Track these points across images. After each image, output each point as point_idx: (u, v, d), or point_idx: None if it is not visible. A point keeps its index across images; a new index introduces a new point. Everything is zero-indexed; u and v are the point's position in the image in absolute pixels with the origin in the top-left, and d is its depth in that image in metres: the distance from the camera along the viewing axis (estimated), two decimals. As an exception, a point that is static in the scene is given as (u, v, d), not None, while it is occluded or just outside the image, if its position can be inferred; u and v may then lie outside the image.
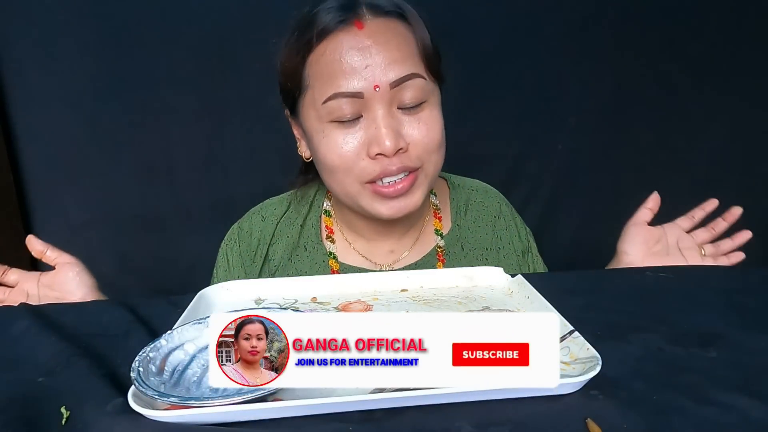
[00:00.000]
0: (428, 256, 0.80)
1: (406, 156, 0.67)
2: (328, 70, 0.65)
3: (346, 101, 0.64)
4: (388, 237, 0.79)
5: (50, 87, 1.48)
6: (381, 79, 0.64)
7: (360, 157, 0.66)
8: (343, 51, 0.64)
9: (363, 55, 0.64)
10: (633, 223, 0.79)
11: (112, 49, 1.47)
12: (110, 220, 1.55)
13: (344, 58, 0.64)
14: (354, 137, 0.66)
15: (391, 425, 0.38)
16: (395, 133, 0.65)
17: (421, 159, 0.68)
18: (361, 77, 0.64)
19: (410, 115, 0.67)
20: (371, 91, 0.64)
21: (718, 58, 1.65)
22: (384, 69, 0.64)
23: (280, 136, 1.56)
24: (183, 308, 0.55)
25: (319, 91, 0.66)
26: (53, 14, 1.43)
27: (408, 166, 0.67)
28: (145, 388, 0.39)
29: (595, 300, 0.62)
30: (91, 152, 1.54)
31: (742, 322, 0.54)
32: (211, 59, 1.51)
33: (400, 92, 0.65)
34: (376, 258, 0.80)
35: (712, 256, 0.78)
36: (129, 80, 1.50)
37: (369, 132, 0.65)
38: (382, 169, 0.66)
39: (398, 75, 0.64)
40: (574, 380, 0.41)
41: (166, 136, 1.56)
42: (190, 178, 1.58)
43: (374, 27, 0.65)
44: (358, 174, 0.67)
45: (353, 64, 0.64)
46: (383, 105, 0.65)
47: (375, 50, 0.64)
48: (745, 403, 0.40)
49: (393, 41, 0.65)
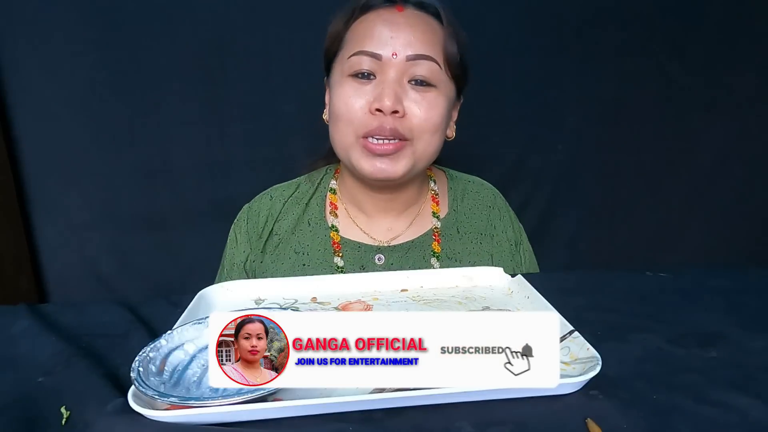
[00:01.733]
0: (425, 236, 0.84)
1: (401, 122, 0.73)
2: (361, 34, 0.75)
3: (367, 59, 0.74)
4: (386, 214, 0.84)
5: (50, 87, 1.48)
6: (400, 51, 0.73)
7: (362, 112, 0.74)
8: (378, 22, 0.75)
9: (392, 30, 0.74)
10: None
11: (113, 49, 1.47)
12: (110, 221, 1.55)
13: (377, 28, 0.74)
14: (364, 94, 0.74)
15: (391, 425, 0.38)
16: (397, 97, 0.72)
17: (413, 132, 0.74)
18: (384, 44, 0.73)
19: (417, 92, 0.74)
20: (389, 56, 0.73)
21: (719, 57, 1.65)
22: (406, 44, 0.73)
23: (280, 137, 1.57)
24: (183, 308, 0.55)
25: (348, 49, 0.76)
26: (53, 15, 1.43)
27: (399, 132, 0.73)
28: (145, 388, 0.39)
29: (595, 300, 0.62)
30: (91, 152, 1.54)
31: (742, 322, 0.54)
32: (211, 60, 1.51)
33: (413, 66, 0.73)
34: (375, 234, 0.84)
35: None
36: (129, 80, 1.50)
37: (376, 92, 0.73)
38: (378, 125, 0.73)
39: (416, 52, 0.73)
40: (574, 380, 0.41)
41: (167, 136, 1.56)
42: (190, 178, 1.57)
43: (411, 14, 0.76)
44: (356, 126, 0.74)
45: (382, 34, 0.74)
46: (396, 72, 0.73)
47: (404, 29, 0.74)
48: (745, 403, 0.40)
49: (422, 28, 0.75)
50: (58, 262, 1.58)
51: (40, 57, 1.46)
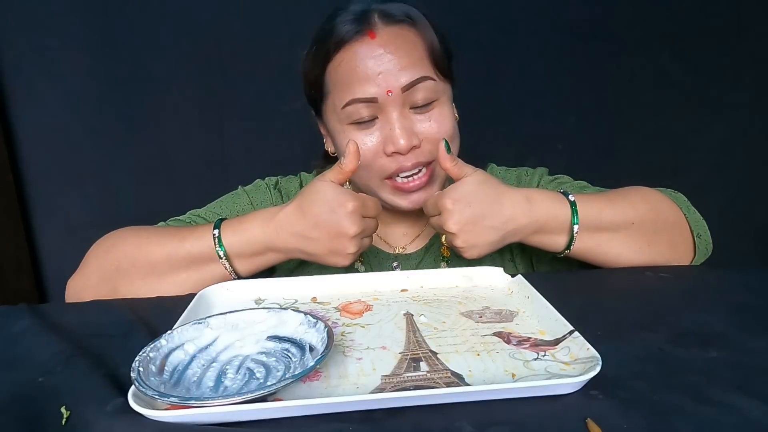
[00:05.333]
0: (435, 238, 0.84)
1: (420, 152, 0.72)
2: (345, 78, 0.71)
3: (363, 106, 0.70)
4: (401, 222, 0.85)
5: (50, 87, 1.48)
6: (393, 84, 0.69)
7: (378, 155, 0.72)
8: (358, 60, 0.70)
9: (376, 63, 0.69)
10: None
11: (112, 49, 1.47)
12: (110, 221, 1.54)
13: (359, 67, 0.70)
14: (371, 137, 0.72)
15: (391, 425, 0.38)
16: (408, 132, 0.70)
17: (434, 153, 0.72)
18: (374, 83, 0.69)
19: (422, 114, 0.72)
20: (384, 95, 0.70)
21: (719, 57, 1.65)
22: (395, 75, 0.69)
23: (279, 137, 1.57)
24: (183, 308, 0.55)
25: (338, 97, 0.72)
26: (53, 15, 1.43)
27: (421, 161, 0.72)
28: (145, 388, 0.39)
29: (595, 300, 0.62)
30: (91, 153, 1.54)
31: (742, 322, 0.54)
32: (211, 60, 1.51)
33: (411, 94, 0.71)
34: (391, 240, 0.85)
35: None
36: (129, 81, 1.50)
37: (384, 132, 0.71)
38: (398, 166, 0.72)
39: (409, 79, 0.70)
40: (574, 380, 0.41)
41: (166, 136, 1.56)
42: (190, 179, 1.58)
43: (385, 35, 0.70)
44: (377, 171, 0.73)
45: (367, 72, 0.69)
46: (396, 107, 0.70)
47: (387, 58, 0.69)
48: (745, 403, 0.40)
49: (403, 48, 0.70)
50: (58, 262, 1.58)
51: (40, 57, 1.46)
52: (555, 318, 0.51)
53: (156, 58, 1.49)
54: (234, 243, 0.66)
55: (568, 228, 0.68)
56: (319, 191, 0.64)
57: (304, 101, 0.81)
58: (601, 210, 0.68)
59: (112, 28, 1.46)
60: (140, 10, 1.45)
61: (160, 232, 0.70)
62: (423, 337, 0.51)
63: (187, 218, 0.80)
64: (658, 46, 1.62)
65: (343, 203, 0.63)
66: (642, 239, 0.70)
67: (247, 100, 1.55)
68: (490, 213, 0.65)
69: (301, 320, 0.49)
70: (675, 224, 0.72)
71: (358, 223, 0.63)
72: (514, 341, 0.50)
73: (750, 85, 1.68)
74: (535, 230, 0.68)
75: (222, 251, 0.66)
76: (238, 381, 0.43)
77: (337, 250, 0.64)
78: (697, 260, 0.73)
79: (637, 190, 0.74)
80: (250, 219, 0.67)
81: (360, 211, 0.64)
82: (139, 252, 0.68)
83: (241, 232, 0.66)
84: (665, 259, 0.72)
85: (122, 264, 0.68)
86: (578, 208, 0.67)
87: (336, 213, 0.63)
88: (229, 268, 0.67)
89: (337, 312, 0.58)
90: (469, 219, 0.64)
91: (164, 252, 0.67)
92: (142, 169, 1.57)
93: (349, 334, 0.52)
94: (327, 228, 0.63)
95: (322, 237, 0.64)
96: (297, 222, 0.64)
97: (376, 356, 0.48)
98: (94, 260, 0.70)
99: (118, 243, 0.70)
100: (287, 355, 0.46)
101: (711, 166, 1.71)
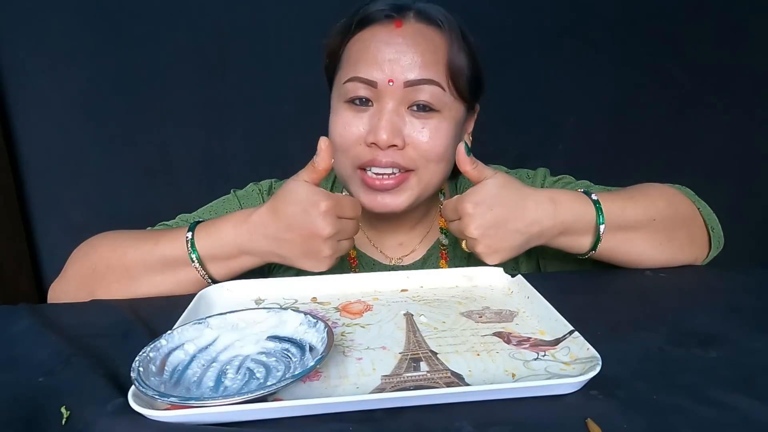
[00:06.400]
0: (432, 249, 0.82)
1: (400, 154, 0.69)
2: (356, 55, 0.69)
3: (362, 86, 0.68)
4: (396, 230, 0.82)
5: (50, 88, 1.48)
6: (398, 76, 0.67)
7: (358, 142, 0.69)
8: (375, 41, 0.68)
9: (390, 50, 0.67)
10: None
11: (112, 49, 1.47)
12: (110, 221, 1.55)
13: (372, 48, 0.68)
14: (360, 122, 0.69)
15: (391, 425, 0.38)
16: (394, 129, 0.67)
17: (416, 163, 0.69)
18: (380, 69, 0.67)
19: (418, 119, 0.69)
20: (385, 83, 0.67)
21: (719, 58, 1.65)
22: (404, 68, 0.67)
23: (279, 137, 1.57)
24: (183, 308, 0.55)
25: (344, 72, 0.71)
26: (53, 15, 1.43)
27: (399, 164, 0.69)
28: (145, 388, 0.39)
29: (595, 300, 0.62)
30: (91, 152, 1.54)
31: (742, 322, 0.54)
32: (210, 60, 1.51)
33: (413, 92, 0.68)
34: (387, 250, 0.82)
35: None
36: (129, 81, 1.50)
37: (373, 121, 0.68)
38: (372, 157, 0.68)
39: (416, 76, 0.67)
40: (574, 380, 0.41)
41: (166, 136, 1.56)
42: (190, 178, 1.58)
43: (411, 29, 0.69)
44: (352, 157, 0.70)
45: (377, 56, 0.67)
46: (394, 100, 0.68)
47: (402, 48, 0.67)
48: (745, 403, 0.40)
49: (422, 45, 0.68)
50: (58, 262, 1.58)
51: (40, 57, 1.46)
52: (555, 318, 0.51)
53: (156, 59, 1.49)
54: (206, 246, 0.64)
55: (594, 228, 0.66)
56: (292, 191, 0.61)
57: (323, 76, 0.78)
58: (624, 208, 0.67)
59: (112, 29, 1.46)
60: (140, 11, 1.45)
61: (137, 236, 0.68)
62: (423, 337, 0.51)
63: (176, 223, 0.78)
64: (658, 47, 1.62)
65: (315, 203, 0.60)
66: (662, 236, 0.69)
67: (247, 100, 1.55)
68: (513, 216, 0.63)
69: (301, 320, 0.49)
70: (691, 219, 0.71)
71: (333, 224, 0.60)
72: (514, 341, 0.50)
73: (749, 85, 1.68)
74: (560, 232, 0.66)
75: (195, 255, 0.64)
76: (238, 381, 0.43)
77: (311, 253, 0.62)
78: (711, 254, 0.73)
79: (654, 186, 0.73)
80: (224, 221, 0.65)
81: (334, 211, 0.61)
82: (114, 255, 0.66)
83: (215, 234, 0.64)
84: (684, 255, 0.71)
85: (98, 267, 0.66)
86: (602, 207, 0.66)
87: (309, 213, 0.60)
88: (202, 272, 0.65)
89: (337, 312, 0.58)
90: (492, 223, 0.62)
91: (138, 255, 0.65)
92: (142, 169, 1.57)
93: (349, 334, 0.52)
94: (300, 229, 0.60)
95: (295, 239, 0.61)
96: (270, 223, 0.62)
97: (376, 356, 0.48)
98: (73, 265, 0.69)
99: (95, 246, 0.69)
100: (287, 355, 0.46)
101: (711, 166, 1.71)
